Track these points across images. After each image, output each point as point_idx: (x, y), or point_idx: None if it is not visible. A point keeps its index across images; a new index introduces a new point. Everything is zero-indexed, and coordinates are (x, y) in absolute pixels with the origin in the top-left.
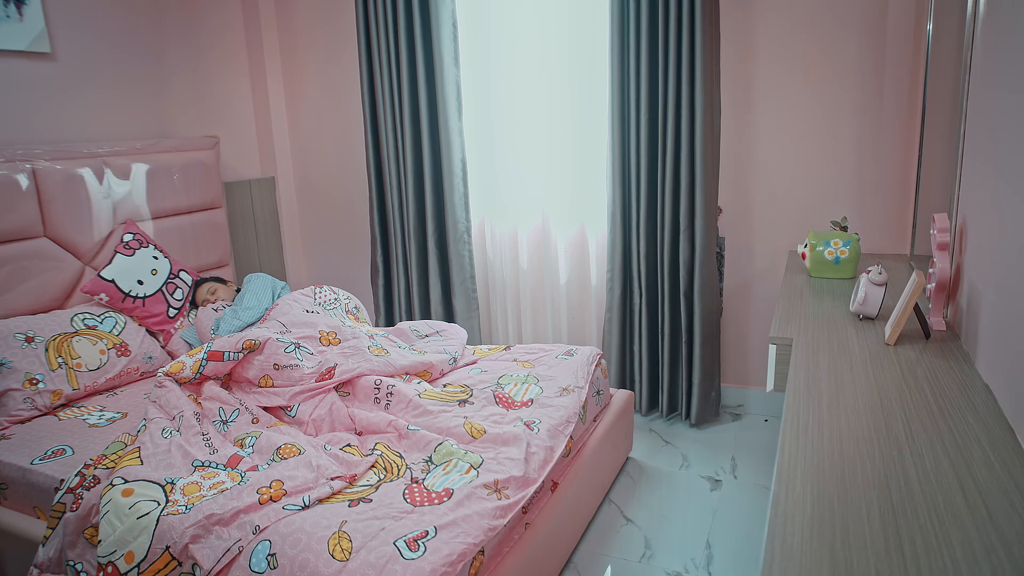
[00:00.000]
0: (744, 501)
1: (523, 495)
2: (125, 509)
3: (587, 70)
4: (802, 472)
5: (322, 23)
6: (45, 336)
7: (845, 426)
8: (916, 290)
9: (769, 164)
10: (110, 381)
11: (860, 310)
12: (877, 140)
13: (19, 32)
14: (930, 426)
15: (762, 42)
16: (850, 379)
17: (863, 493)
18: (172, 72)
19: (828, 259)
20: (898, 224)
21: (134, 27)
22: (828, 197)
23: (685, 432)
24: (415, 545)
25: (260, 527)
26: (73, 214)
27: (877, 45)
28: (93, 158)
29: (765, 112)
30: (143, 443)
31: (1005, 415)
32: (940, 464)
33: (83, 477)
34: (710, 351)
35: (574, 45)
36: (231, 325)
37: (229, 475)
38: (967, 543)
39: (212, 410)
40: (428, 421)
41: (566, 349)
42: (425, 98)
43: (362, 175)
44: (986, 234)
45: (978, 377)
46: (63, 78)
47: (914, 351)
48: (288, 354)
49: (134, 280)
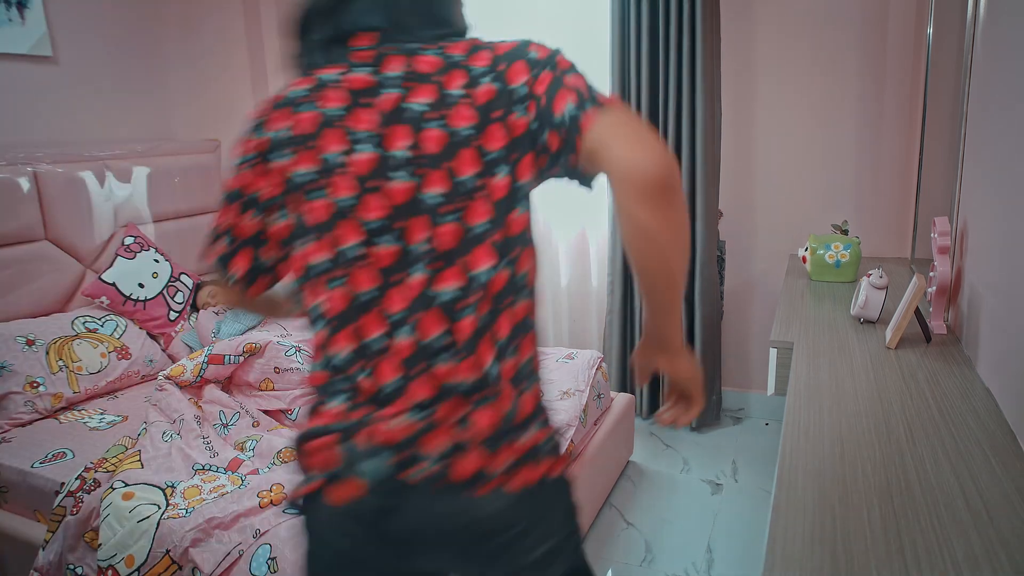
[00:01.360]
0: (745, 505)
1: None
2: (125, 513)
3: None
4: (803, 476)
5: None
6: (46, 339)
7: (846, 430)
8: (917, 294)
9: (770, 168)
10: (111, 384)
11: (861, 314)
12: (878, 143)
13: (21, 35)
14: (931, 430)
15: (762, 47)
16: (851, 383)
17: (864, 497)
18: (173, 75)
19: (829, 263)
20: (899, 227)
21: (135, 30)
22: (829, 201)
23: (686, 436)
24: None
25: (261, 531)
26: (74, 217)
27: (878, 49)
28: (94, 161)
29: (765, 116)
30: (143, 446)
31: (1006, 418)
32: (941, 468)
33: (83, 480)
34: (711, 355)
35: (574, 50)
36: (232, 328)
37: (230, 479)
38: (968, 547)
39: (213, 413)
40: None
41: (567, 352)
42: None
43: None
44: (987, 237)
45: (979, 381)
46: (65, 81)
47: (915, 355)
48: (289, 357)
49: (135, 283)
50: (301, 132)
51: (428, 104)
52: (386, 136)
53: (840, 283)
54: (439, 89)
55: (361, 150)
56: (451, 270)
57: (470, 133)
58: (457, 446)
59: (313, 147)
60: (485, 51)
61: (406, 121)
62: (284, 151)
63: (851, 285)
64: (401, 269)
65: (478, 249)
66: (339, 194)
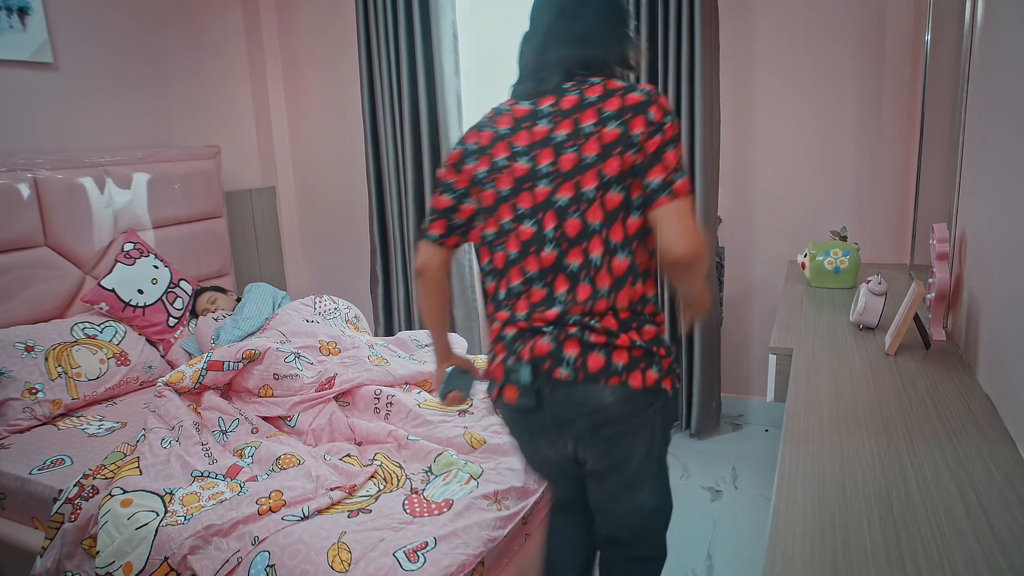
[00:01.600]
0: (745, 512)
1: (523, 506)
2: (124, 519)
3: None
4: (803, 483)
5: (323, 34)
6: (45, 345)
7: (845, 436)
8: (916, 300)
9: (769, 174)
10: (109, 391)
11: (860, 320)
12: (876, 149)
13: (22, 42)
14: (930, 436)
15: (761, 53)
16: (850, 389)
17: (864, 504)
18: (173, 82)
19: (828, 269)
20: (897, 234)
21: (136, 37)
22: (827, 207)
23: (685, 442)
24: (415, 556)
25: (259, 538)
26: (74, 223)
27: (876, 55)
28: (94, 167)
29: (764, 122)
30: (142, 453)
31: (1006, 425)
32: (941, 475)
33: (82, 487)
34: (710, 361)
35: None
36: (231, 335)
37: (228, 485)
38: (968, 555)
39: (211, 420)
40: (428, 431)
41: None
42: (425, 108)
43: (362, 185)
44: (986, 244)
45: (978, 387)
46: (65, 88)
47: (914, 361)
48: (288, 364)
49: (134, 289)
50: (481, 145)
51: (566, 135)
52: (537, 155)
53: (839, 289)
54: (575, 124)
55: (519, 160)
56: (574, 251)
57: (594, 160)
58: (584, 348)
59: (488, 154)
60: (615, 98)
61: (551, 146)
62: (471, 158)
63: (850, 291)
64: (536, 243)
65: (593, 240)
66: (501, 187)
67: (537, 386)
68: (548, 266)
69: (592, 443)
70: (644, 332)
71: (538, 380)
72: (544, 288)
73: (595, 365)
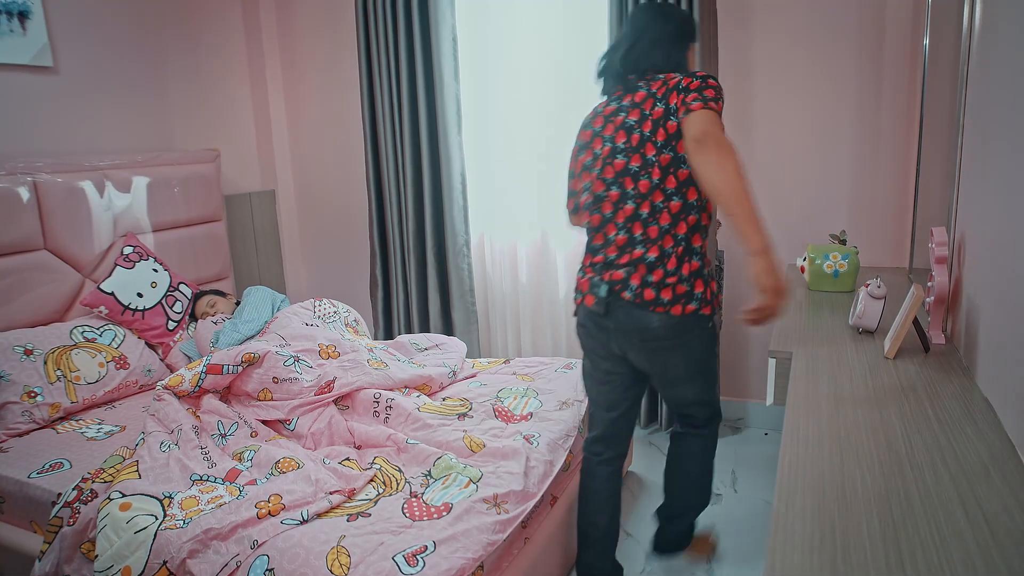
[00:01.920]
0: (745, 515)
1: (522, 509)
2: (122, 523)
3: (586, 85)
4: (803, 486)
5: (322, 37)
6: (44, 349)
7: (845, 440)
8: (915, 303)
9: (767, 177)
10: (109, 394)
11: (859, 323)
12: (875, 153)
13: (22, 46)
14: (930, 440)
15: (760, 56)
16: (850, 393)
17: (864, 508)
18: (173, 85)
19: (827, 272)
20: (897, 237)
21: (136, 41)
22: (826, 210)
23: None
24: (414, 560)
25: (258, 542)
26: (74, 227)
27: (874, 60)
28: (94, 171)
29: (763, 125)
30: (141, 457)
31: (1005, 429)
32: (941, 479)
33: (80, 491)
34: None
35: (573, 60)
36: (230, 338)
37: (227, 489)
38: (968, 558)
39: (211, 424)
40: (427, 435)
41: (566, 362)
42: (425, 112)
43: (362, 189)
44: (985, 248)
45: (978, 391)
46: (65, 91)
47: (913, 365)
48: (287, 367)
49: (134, 293)
50: (583, 140)
51: (635, 120)
52: (615, 136)
53: (838, 293)
54: (640, 111)
55: (605, 145)
56: (645, 203)
57: (650, 134)
58: (643, 284)
59: (588, 147)
60: (666, 87)
61: (625, 129)
62: (580, 151)
63: (849, 295)
64: (622, 201)
65: (656, 192)
66: (595, 167)
67: (608, 300)
68: (630, 215)
69: (640, 351)
70: (691, 265)
71: (610, 296)
72: (626, 234)
73: (649, 296)
